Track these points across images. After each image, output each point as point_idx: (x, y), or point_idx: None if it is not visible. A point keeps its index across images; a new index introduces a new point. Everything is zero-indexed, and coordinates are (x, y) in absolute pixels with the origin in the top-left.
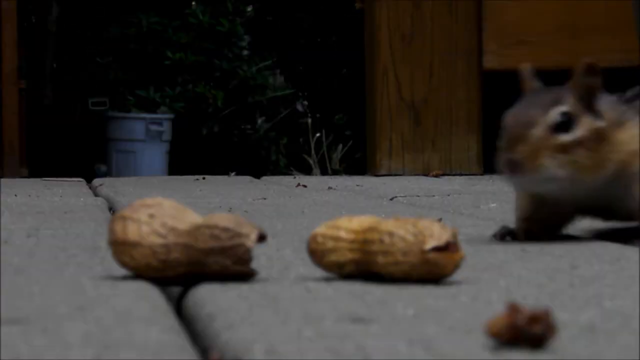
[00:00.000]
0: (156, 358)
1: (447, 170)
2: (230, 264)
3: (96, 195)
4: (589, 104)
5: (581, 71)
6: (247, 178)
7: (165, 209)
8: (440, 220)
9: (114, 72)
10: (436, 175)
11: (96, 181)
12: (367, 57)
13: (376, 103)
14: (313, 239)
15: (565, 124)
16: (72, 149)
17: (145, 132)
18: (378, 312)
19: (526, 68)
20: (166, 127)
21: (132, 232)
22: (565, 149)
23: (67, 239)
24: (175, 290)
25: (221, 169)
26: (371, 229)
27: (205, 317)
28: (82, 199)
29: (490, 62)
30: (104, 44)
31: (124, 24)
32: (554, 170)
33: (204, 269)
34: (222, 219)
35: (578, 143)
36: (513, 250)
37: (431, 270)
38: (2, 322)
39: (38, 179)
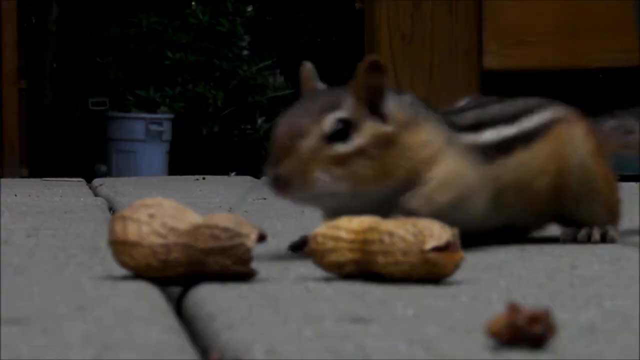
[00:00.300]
0: (156, 358)
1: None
2: (230, 264)
3: (96, 195)
4: (374, 107)
5: (364, 69)
6: (247, 178)
7: (165, 209)
8: None
9: (114, 72)
10: None
11: (96, 181)
12: None
13: None
14: (313, 239)
15: (342, 132)
16: (72, 149)
17: (145, 132)
18: (378, 312)
19: (307, 65)
20: (166, 127)
21: (132, 232)
22: (341, 160)
23: (67, 239)
24: (175, 290)
25: (221, 169)
26: (371, 229)
27: (205, 317)
28: (82, 199)
29: (490, 62)
30: (104, 44)
31: (124, 24)
32: (328, 185)
33: (204, 269)
34: (222, 219)
35: (358, 152)
36: (513, 250)
37: (431, 270)
38: (2, 322)
39: (38, 179)
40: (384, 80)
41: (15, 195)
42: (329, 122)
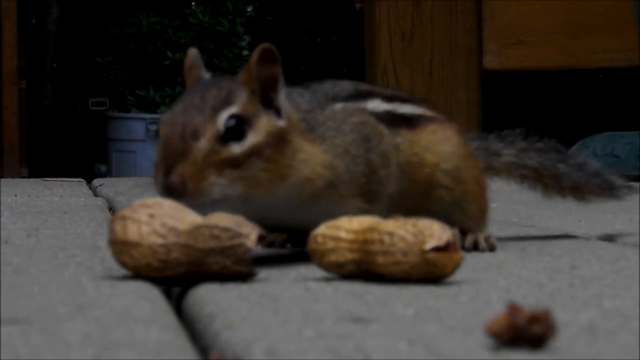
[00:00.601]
0: (156, 358)
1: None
2: (230, 264)
3: (96, 195)
4: (267, 99)
5: (256, 59)
6: None
7: (165, 209)
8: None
9: (114, 72)
10: None
11: (96, 181)
12: (367, 56)
13: None
14: (313, 239)
15: (237, 129)
16: (72, 149)
17: (145, 132)
18: (378, 312)
19: (192, 52)
20: None
21: (132, 232)
22: (237, 161)
23: (67, 239)
24: (175, 290)
25: None
26: (371, 229)
27: (205, 317)
28: (82, 199)
29: (490, 62)
30: (104, 44)
31: (124, 24)
32: (223, 190)
33: (204, 269)
34: (222, 219)
35: (253, 152)
36: (513, 250)
37: (431, 270)
38: (2, 322)
39: (38, 179)
40: (278, 71)
41: (15, 195)
42: (223, 120)
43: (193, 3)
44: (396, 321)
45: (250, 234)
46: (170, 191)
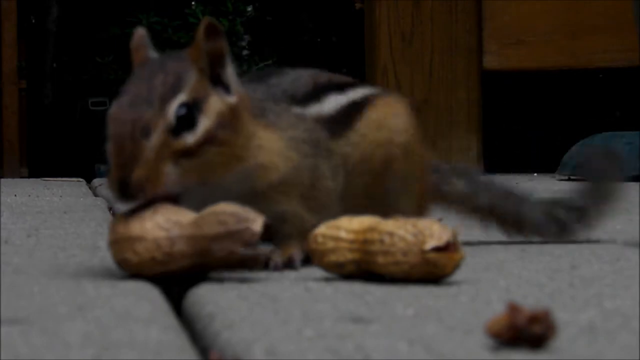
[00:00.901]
0: (156, 358)
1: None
2: (236, 249)
3: (96, 195)
4: (215, 76)
5: (201, 35)
6: None
7: (168, 207)
8: (440, 220)
9: (114, 72)
10: None
11: (96, 181)
12: (367, 56)
13: None
14: (313, 239)
15: (188, 118)
16: (72, 149)
17: None
18: (378, 312)
19: (139, 32)
20: None
21: (135, 227)
22: (190, 151)
23: (67, 239)
24: (175, 290)
25: None
26: (371, 229)
27: (205, 317)
28: (82, 199)
29: (490, 62)
30: (104, 44)
31: (124, 24)
32: (180, 182)
33: (209, 259)
34: (228, 207)
35: (206, 139)
36: (513, 250)
37: (431, 270)
38: (2, 322)
39: (38, 179)
40: (224, 45)
41: (15, 195)
42: (173, 111)
43: (193, 3)
44: (396, 321)
45: (256, 218)
46: (127, 192)
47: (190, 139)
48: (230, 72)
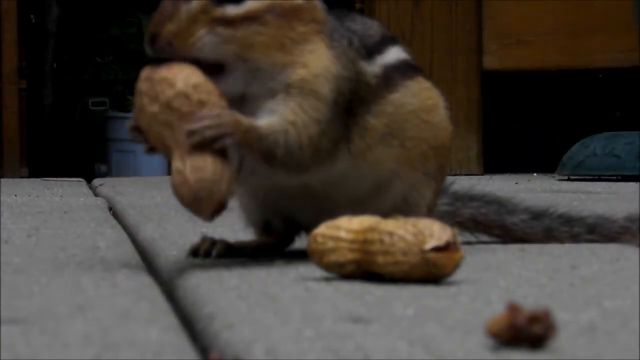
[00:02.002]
0: (156, 358)
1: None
2: None
3: (96, 195)
4: None
5: None
6: None
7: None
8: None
9: (114, 72)
10: None
11: (96, 181)
12: None
13: None
14: (313, 239)
15: None
16: (72, 149)
17: None
18: (378, 312)
19: None
20: None
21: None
22: (230, 22)
23: (67, 238)
24: (175, 289)
25: None
26: (371, 229)
27: (205, 317)
28: (82, 199)
29: (490, 62)
30: (104, 44)
31: (124, 24)
32: (212, 47)
33: None
34: None
35: (250, 16)
36: (513, 250)
37: (431, 270)
38: (2, 322)
39: (38, 179)
40: None
41: (15, 195)
42: None
43: None
44: (396, 321)
45: None
46: (155, 42)
47: (231, 10)
48: None
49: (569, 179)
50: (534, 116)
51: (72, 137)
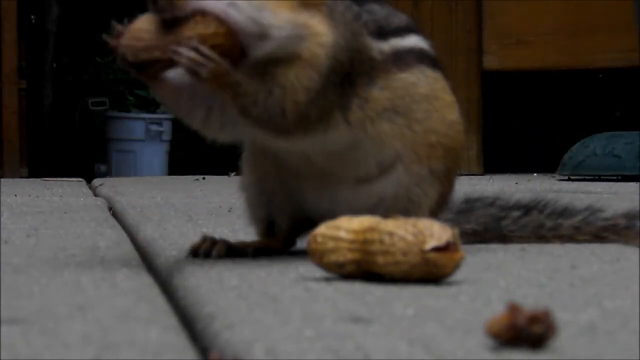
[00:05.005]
0: (156, 358)
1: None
2: None
3: (96, 195)
4: None
5: None
6: None
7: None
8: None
9: (114, 72)
10: None
11: (96, 181)
12: None
13: None
14: (313, 239)
15: None
16: (72, 149)
17: (145, 132)
18: (378, 312)
19: None
20: (166, 127)
21: None
22: None
23: (67, 239)
24: (175, 290)
25: (221, 169)
26: (371, 229)
27: (205, 317)
28: (82, 199)
29: (490, 62)
30: (104, 44)
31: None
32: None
33: None
34: None
35: None
36: (513, 250)
37: (431, 270)
38: (2, 322)
39: (38, 179)
40: None
41: (15, 195)
42: None
43: None
44: (396, 321)
45: None
46: (162, 13)
47: None
48: None
49: (569, 179)
50: (534, 116)
51: (72, 137)
